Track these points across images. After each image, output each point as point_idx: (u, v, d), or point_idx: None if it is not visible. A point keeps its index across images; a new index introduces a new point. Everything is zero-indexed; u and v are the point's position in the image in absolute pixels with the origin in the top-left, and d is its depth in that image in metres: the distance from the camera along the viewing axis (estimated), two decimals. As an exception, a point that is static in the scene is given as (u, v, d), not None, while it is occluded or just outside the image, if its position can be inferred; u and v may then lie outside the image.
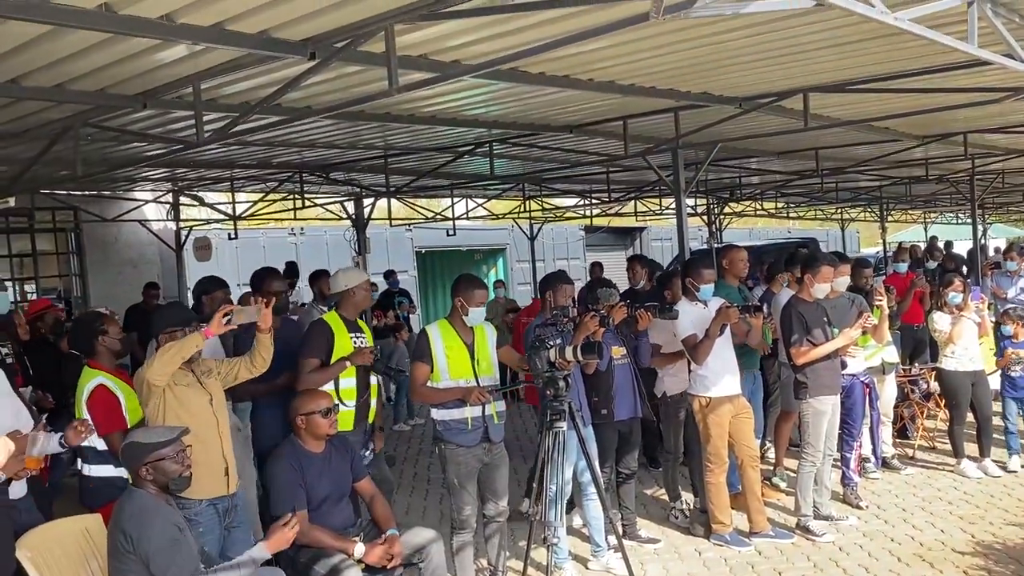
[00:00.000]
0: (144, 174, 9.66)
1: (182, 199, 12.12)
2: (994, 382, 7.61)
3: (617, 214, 19.08)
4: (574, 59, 4.88)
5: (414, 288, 15.65)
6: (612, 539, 5.32)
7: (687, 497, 6.33)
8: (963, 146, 9.45)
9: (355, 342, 4.90)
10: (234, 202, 12.47)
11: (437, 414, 4.82)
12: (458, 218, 15.60)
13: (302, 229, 17.35)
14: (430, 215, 15.51)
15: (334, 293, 5.13)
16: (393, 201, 13.71)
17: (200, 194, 12.23)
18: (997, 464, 7.03)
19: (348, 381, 4.82)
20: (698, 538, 5.87)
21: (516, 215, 16.34)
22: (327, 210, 13.62)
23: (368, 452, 5.06)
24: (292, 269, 10.09)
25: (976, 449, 7.17)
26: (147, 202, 12.32)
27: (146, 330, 4.38)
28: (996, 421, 7.25)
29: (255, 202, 12.49)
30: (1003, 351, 7.32)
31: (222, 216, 12.93)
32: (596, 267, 13.33)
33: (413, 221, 16.60)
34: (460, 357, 4.76)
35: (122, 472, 4.03)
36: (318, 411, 4.25)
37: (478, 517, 4.97)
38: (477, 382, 4.75)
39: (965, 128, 8.92)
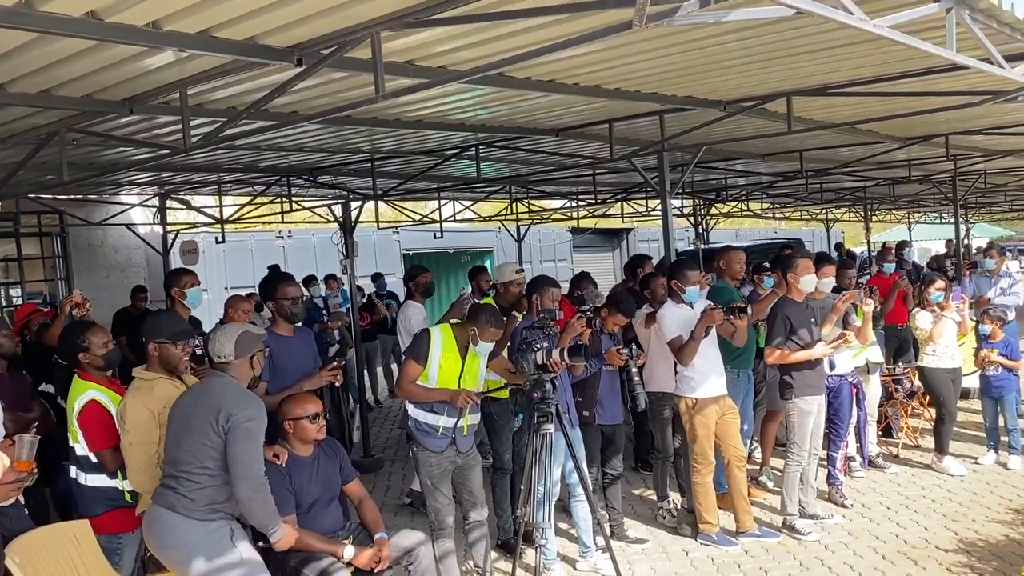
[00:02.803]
0: (130, 178, 9.63)
1: (169, 203, 12.07)
2: (971, 381, 7.70)
3: (604, 216, 19.13)
4: (559, 64, 4.91)
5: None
6: (600, 540, 5.36)
7: (674, 497, 6.38)
8: (945, 148, 9.55)
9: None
10: (221, 205, 12.44)
11: (412, 411, 4.84)
12: (445, 221, 15.61)
13: (289, 232, 17.33)
14: (417, 218, 15.51)
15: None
16: (380, 204, 13.72)
17: (187, 197, 12.19)
18: (967, 460, 7.13)
19: None
20: (685, 538, 5.92)
21: (503, 217, 16.37)
22: (314, 213, 13.60)
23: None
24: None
25: (960, 447, 7.26)
26: (133, 206, 12.28)
27: (135, 334, 4.36)
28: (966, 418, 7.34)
29: (242, 205, 12.47)
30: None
31: (209, 219, 12.90)
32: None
33: (400, 224, 16.60)
34: (452, 369, 4.81)
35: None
36: (305, 416, 4.27)
37: (458, 519, 5.00)
38: None
39: (947, 130, 9.01)
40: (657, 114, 6.72)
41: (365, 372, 11.74)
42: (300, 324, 5.13)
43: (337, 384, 4.86)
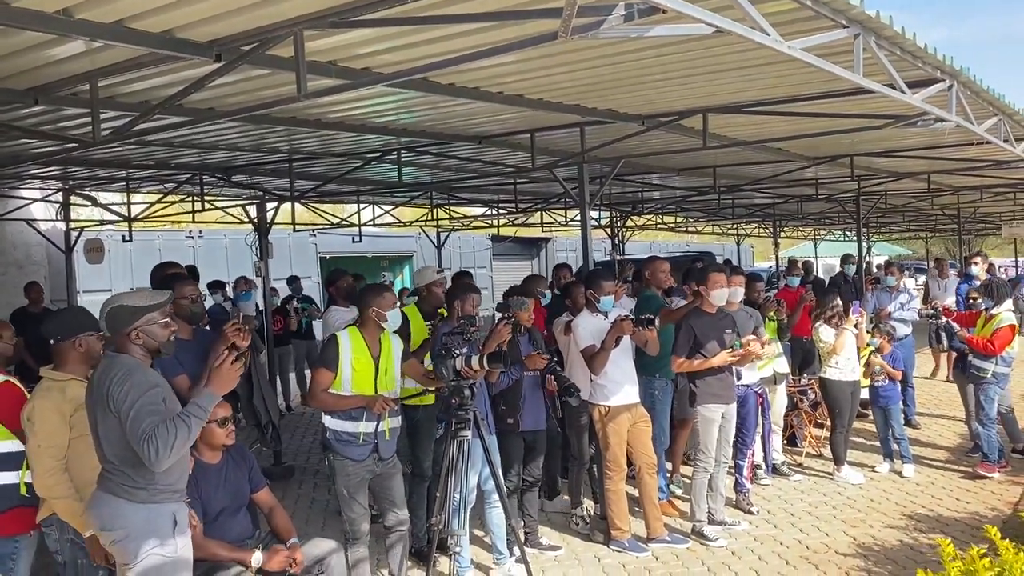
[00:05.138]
0: (33, 171, 9.21)
1: (73, 198, 11.60)
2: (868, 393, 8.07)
3: (524, 224, 19.28)
4: (484, 72, 4.94)
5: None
6: (515, 547, 5.37)
7: (588, 504, 6.46)
8: (850, 168, 9.98)
9: None
10: (129, 203, 12.02)
11: (329, 422, 4.73)
12: (365, 224, 15.45)
13: (200, 232, 16.86)
14: (336, 221, 15.31)
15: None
16: (297, 206, 13.49)
17: (93, 194, 11.73)
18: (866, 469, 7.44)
19: None
20: (598, 544, 5.99)
21: (424, 223, 16.32)
22: (227, 213, 13.28)
23: None
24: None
25: (859, 456, 7.57)
26: (35, 201, 11.75)
27: (35, 334, 4.14)
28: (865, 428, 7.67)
29: (152, 203, 12.07)
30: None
31: (116, 217, 12.44)
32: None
33: (318, 227, 16.35)
34: (365, 370, 4.72)
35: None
36: (214, 420, 4.11)
37: (375, 527, 4.94)
38: None
39: (852, 151, 9.41)
40: (578, 126, 6.82)
41: (278, 378, 11.52)
42: (207, 328, 4.96)
43: (242, 344, 4.32)
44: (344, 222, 15.52)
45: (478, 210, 17.63)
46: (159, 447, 3.22)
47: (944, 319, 8.19)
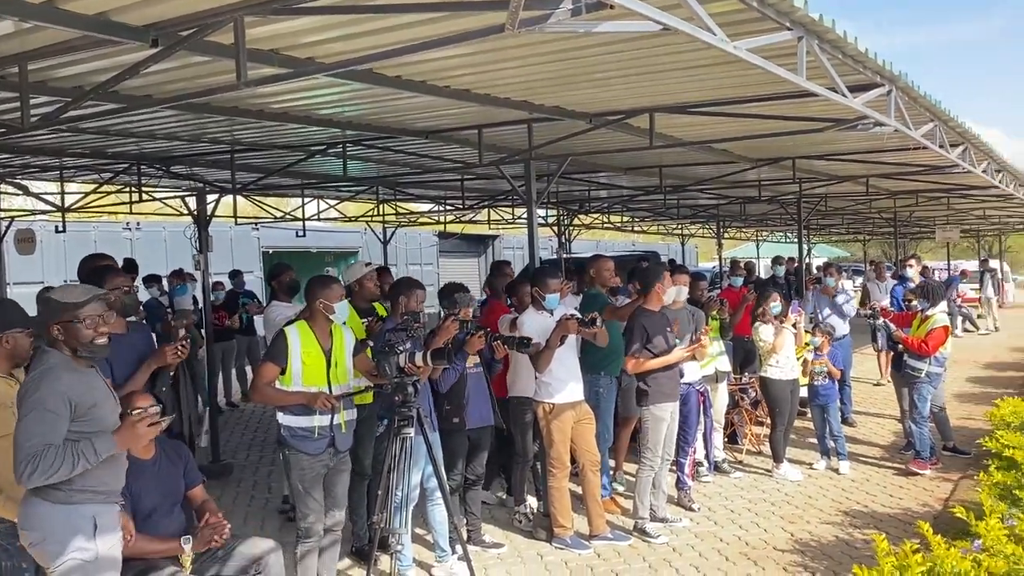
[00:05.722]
0: (-42, 158, 8.85)
1: (3, 187, 11.17)
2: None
3: (471, 221, 19.21)
4: (431, 65, 4.87)
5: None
6: (457, 545, 5.33)
7: (531, 501, 6.45)
8: (791, 170, 10.15)
9: None
10: (63, 192, 11.63)
11: (284, 419, 4.67)
12: (308, 219, 15.22)
13: (138, 224, 16.44)
14: (279, 215, 15.04)
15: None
16: (240, 199, 13.22)
17: (24, 182, 11.32)
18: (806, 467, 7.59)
19: None
20: (541, 542, 5.99)
21: (369, 218, 16.13)
22: (167, 205, 12.95)
23: None
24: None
25: (798, 454, 7.71)
26: (-39, 189, 11.30)
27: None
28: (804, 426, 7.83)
29: (87, 193, 11.69)
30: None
31: (49, 207, 12.02)
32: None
33: (260, 220, 16.06)
34: (317, 364, 4.65)
35: None
36: (131, 410, 3.95)
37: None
38: (330, 389, 4.65)
39: (794, 154, 9.58)
40: (526, 123, 6.79)
41: (220, 373, 11.29)
42: (143, 321, 4.81)
43: (178, 358, 4.32)
44: (288, 216, 15.26)
45: (425, 206, 17.51)
46: (37, 471, 3.14)
47: (882, 319, 8.39)
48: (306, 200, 14.80)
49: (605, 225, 21.17)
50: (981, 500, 3.86)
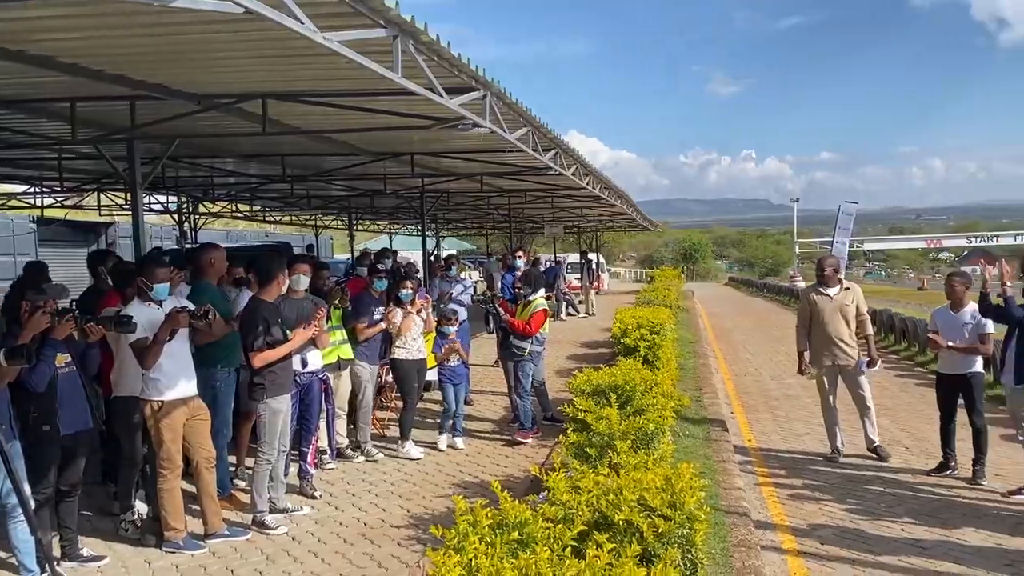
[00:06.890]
0: None
1: None
2: (433, 374, 8.71)
3: (78, 207, 17.31)
4: (7, 24, 4.30)
5: None
6: (46, 563, 4.81)
7: (140, 507, 6.04)
8: (411, 166, 10.62)
9: None
10: None
11: None
12: None
13: None
14: None
15: None
16: None
17: None
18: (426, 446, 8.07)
19: None
20: (150, 548, 5.63)
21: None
22: None
23: None
24: None
25: (421, 435, 8.11)
26: None
27: None
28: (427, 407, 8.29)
29: None
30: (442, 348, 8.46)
31: None
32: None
33: None
34: None
35: None
36: None
37: None
38: None
39: (413, 150, 10.03)
40: (128, 99, 6.29)
41: None
42: None
43: None
44: None
45: (18, 187, 15.40)
46: None
47: (495, 305, 9.13)
48: None
49: (235, 214, 20.38)
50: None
